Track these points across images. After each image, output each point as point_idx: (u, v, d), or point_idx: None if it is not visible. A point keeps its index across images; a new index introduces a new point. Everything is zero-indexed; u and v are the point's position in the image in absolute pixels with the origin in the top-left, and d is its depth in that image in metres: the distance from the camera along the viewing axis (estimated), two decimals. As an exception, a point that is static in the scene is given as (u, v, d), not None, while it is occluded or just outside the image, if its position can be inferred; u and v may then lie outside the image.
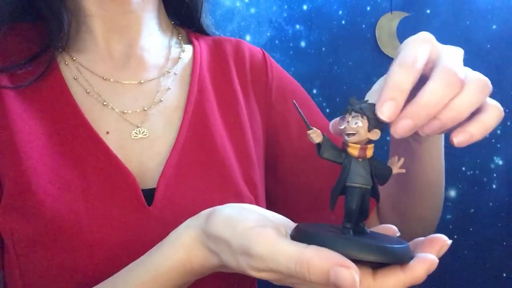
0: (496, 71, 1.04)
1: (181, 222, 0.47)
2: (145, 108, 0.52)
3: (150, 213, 0.46)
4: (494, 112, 0.33)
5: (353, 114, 0.33)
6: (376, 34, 1.04)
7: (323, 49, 1.06)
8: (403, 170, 0.36)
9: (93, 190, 0.46)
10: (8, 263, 0.46)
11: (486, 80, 0.33)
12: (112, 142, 0.49)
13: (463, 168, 1.06)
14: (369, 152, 0.34)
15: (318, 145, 0.34)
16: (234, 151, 0.54)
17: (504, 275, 1.06)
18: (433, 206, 0.54)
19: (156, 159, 0.50)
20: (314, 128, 0.34)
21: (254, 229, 0.33)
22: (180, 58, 0.58)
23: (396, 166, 0.36)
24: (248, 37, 1.05)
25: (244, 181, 0.53)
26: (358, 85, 1.06)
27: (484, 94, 0.33)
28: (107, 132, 0.50)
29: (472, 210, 1.07)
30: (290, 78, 0.64)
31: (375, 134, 0.33)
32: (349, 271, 0.28)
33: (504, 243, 1.06)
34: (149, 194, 0.47)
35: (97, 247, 0.44)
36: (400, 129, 0.32)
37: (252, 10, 1.04)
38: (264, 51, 0.64)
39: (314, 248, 0.30)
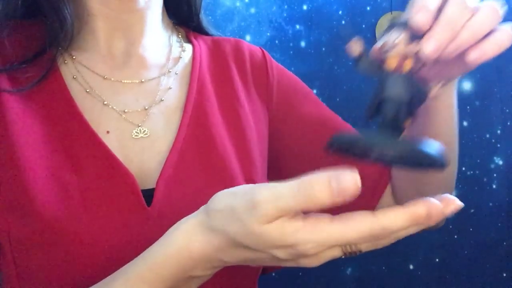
0: (496, 71, 1.04)
1: None
2: (146, 107, 0.52)
3: (149, 214, 0.46)
4: (505, 33, 0.36)
5: (393, 29, 0.34)
6: (376, 34, 1.04)
7: (323, 49, 1.06)
8: (440, 89, 0.36)
9: (91, 191, 0.45)
10: (5, 265, 0.45)
11: (496, 8, 0.37)
12: (112, 141, 0.49)
13: (463, 168, 1.06)
14: (407, 66, 0.35)
15: (356, 59, 0.35)
16: (235, 151, 0.53)
17: (504, 275, 1.06)
18: (448, 172, 0.54)
19: (156, 159, 0.50)
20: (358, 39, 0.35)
21: (254, 187, 0.34)
22: (180, 57, 0.58)
23: (436, 87, 0.36)
24: (248, 37, 1.05)
25: (245, 181, 0.52)
26: (358, 85, 1.06)
27: (495, 18, 0.36)
28: (107, 132, 0.49)
29: (472, 210, 1.07)
30: (291, 75, 0.64)
31: (414, 47, 0.34)
32: (349, 174, 0.29)
33: (504, 243, 1.06)
34: (150, 194, 0.47)
35: (96, 248, 0.43)
36: (430, 47, 0.34)
37: (252, 10, 1.04)
38: (263, 49, 0.64)
39: (312, 174, 0.31)
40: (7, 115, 0.46)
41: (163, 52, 0.57)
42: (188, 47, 0.60)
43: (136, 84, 0.53)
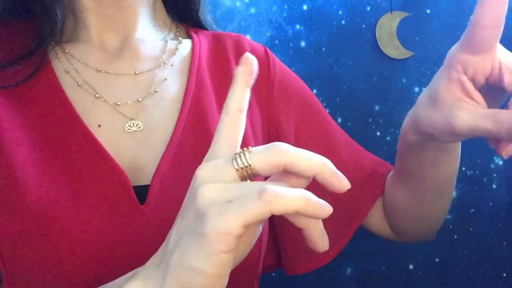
0: (496, 71, 1.04)
1: None
2: (139, 99, 0.51)
3: (142, 212, 0.45)
4: None
5: None
6: (376, 34, 1.04)
7: (323, 49, 1.06)
8: None
9: (82, 187, 0.44)
10: None
11: None
12: (104, 135, 0.47)
13: (463, 168, 1.06)
14: None
15: None
16: None
17: (504, 275, 1.06)
18: (444, 207, 0.55)
19: (151, 153, 0.48)
20: None
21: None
22: (177, 49, 0.57)
23: None
24: (248, 37, 1.05)
25: None
26: (358, 85, 1.06)
27: None
28: (99, 125, 0.48)
29: (472, 210, 1.07)
30: (293, 76, 0.63)
31: None
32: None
33: (504, 243, 1.06)
34: (144, 191, 0.46)
35: (86, 247, 0.42)
36: None
37: (252, 10, 1.04)
38: (266, 47, 0.63)
39: None
40: None
41: (158, 45, 0.56)
42: (187, 42, 0.59)
43: (130, 77, 0.52)
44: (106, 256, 0.43)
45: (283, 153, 0.29)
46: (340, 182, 0.29)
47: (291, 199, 0.27)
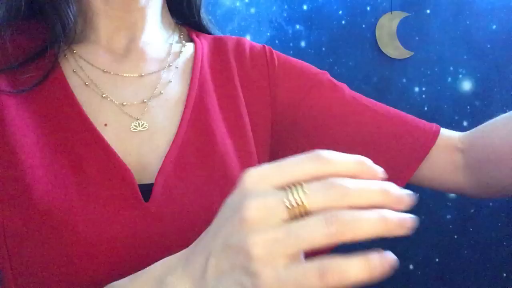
0: (496, 71, 1.04)
1: (179, 219, 0.45)
2: (145, 100, 0.52)
3: (147, 209, 0.45)
4: None
5: None
6: (376, 34, 1.04)
7: (323, 49, 1.06)
8: None
9: (88, 184, 0.45)
10: (0, 261, 0.45)
11: None
12: (110, 134, 0.48)
13: (463, 168, 1.06)
14: None
15: None
16: (234, 147, 0.53)
17: (504, 275, 1.06)
18: None
19: (156, 153, 0.50)
20: None
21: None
22: (181, 52, 0.58)
23: None
24: (248, 37, 1.05)
25: None
26: (358, 85, 1.06)
27: None
28: (105, 125, 0.49)
29: (472, 210, 1.07)
30: (297, 60, 0.63)
31: None
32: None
33: (504, 243, 1.06)
34: (148, 189, 0.47)
35: (91, 243, 0.43)
36: None
37: (252, 10, 1.04)
38: (266, 46, 0.63)
39: None
40: (4, 111, 0.46)
41: (163, 47, 0.58)
42: (189, 44, 0.60)
43: (136, 78, 0.54)
44: (112, 253, 0.43)
45: (346, 196, 0.27)
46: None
47: (354, 274, 0.27)
